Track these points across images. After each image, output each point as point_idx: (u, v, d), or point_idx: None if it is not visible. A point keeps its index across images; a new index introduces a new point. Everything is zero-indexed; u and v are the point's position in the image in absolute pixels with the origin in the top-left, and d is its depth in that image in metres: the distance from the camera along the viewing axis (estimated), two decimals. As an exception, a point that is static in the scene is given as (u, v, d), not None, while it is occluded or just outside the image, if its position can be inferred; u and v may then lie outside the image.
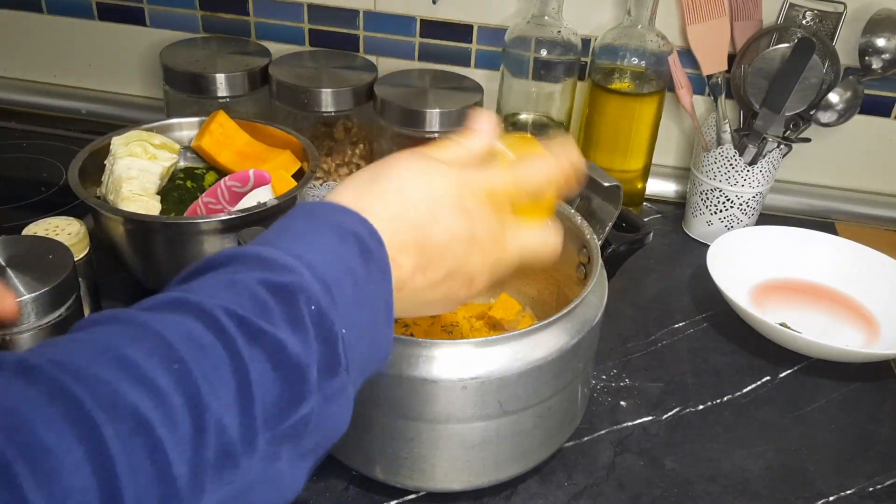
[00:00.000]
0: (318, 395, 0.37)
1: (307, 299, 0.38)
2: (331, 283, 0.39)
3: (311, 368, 0.37)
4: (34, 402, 0.30)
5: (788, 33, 0.94)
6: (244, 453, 0.34)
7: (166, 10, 1.12)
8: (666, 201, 1.09)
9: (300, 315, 0.37)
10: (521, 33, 0.95)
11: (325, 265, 0.40)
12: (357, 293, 0.40)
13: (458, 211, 0.46)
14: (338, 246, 0.41)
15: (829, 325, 0.87)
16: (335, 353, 0.38)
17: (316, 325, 0.38)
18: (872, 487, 0.69)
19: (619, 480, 0.68)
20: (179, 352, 0.34)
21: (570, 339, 0.60)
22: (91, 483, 0.29)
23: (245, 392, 0.34)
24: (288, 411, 0.36)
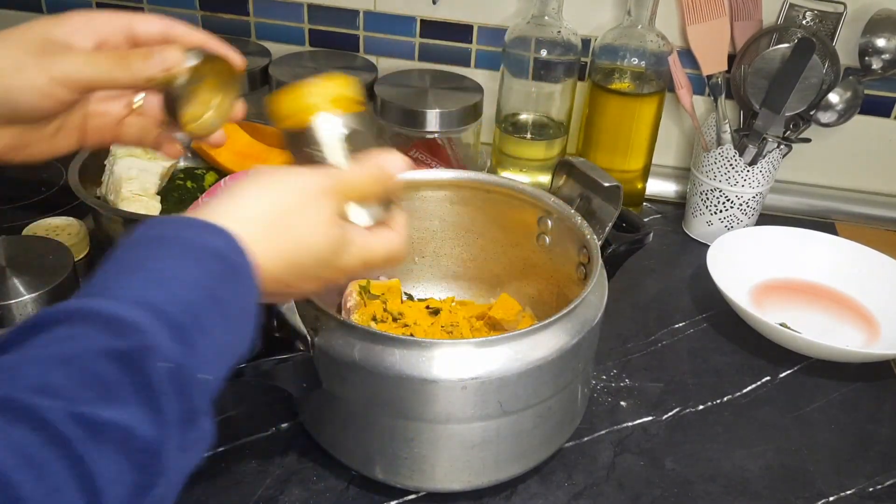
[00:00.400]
0: (176, 454, 0.35)
1: (156, 358, 0.34)
2: (187, 326, 0.36)
3: (166, 441, 0.34)
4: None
5: (788, 33, 0.94)
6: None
7: (166, 11, 1.12)
8: (666, 201, 1.09)
9: (149, 383, 0.34)
10: (521, 33, 0.95)
11: (177, 305, 0.36)
12: (223, 320, 0.38)
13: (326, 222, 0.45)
14: (194, 272, 0.37)
15: (829, 325, 0.87)
16: (192, 403, 0.35)
17: (170, 383, 0.34)
18: (872, 487, 0.69)
19: (619, 480, 0.68)
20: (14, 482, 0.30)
21: (570, 339, 0.60)
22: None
23: (91, 495, 0.31)
24: (140, 495, 0.33)
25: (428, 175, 0.76)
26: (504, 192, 0.75)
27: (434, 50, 1.08)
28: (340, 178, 0.47)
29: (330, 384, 0.60)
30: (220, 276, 0.38)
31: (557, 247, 0.74)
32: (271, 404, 0.72)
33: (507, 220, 0.77)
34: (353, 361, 0.57)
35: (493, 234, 0.79)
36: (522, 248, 0.77)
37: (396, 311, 0.75)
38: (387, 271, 0.49)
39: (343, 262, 0.47)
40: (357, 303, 0.75)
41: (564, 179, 0.73)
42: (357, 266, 0.48)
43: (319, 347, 0.58)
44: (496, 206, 0.76)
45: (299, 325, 0.58)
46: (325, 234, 0.45)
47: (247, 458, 0.68)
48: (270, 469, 0.67)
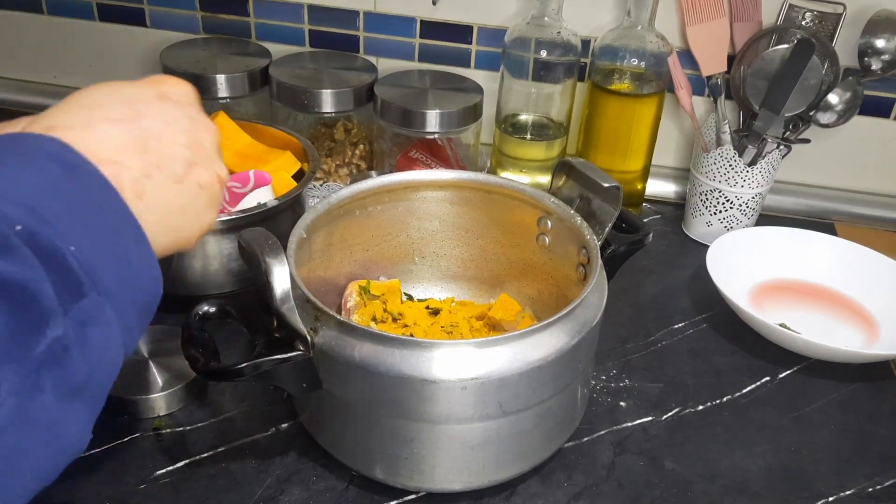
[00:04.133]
0: (69, 318, 0.34)
1: (6, 221, 0.33)
2: (33, 204, 0.35)
3: (42, 286, 0.33)
4: None
5: (788, 34, 0.94)
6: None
7: (166, 11, 1.12)
8: (665, 202, 1.09)
9: (2, 237, 0.33)
10: (521, 34, 0.95)
11: (18, 190, 0.35)
12: (74, 207, 0.37)
13: (159, 100, 0.45)
14: (28, 169, 0.36)
15: (829, 325, 0.87)
16: (68, 270, 0.35)
17: (29, 244, 0.33)
18: (872, 488, 0.69)
19: (618, 481, 0.68)
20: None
21: (570, 340, 0.60)
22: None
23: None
24: (31, 336, 0.32)
25: (428, 175, 0.76)
26: (504, 193, 0.75)
27: (434, 50, 1.08)
28: None
29: (330, 384, 0.60)
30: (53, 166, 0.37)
31: (557, 247, 0.74)
32: (271, 404, 0.72)
33: (507, 221, 0.77)
34: (354, 362, 0.57)
35: (493, 234, 0.79)
36: (522, 249, 0.77)
37: (396, 311, 0.75)
38: None
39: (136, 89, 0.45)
40: (357, 303, 0.75)
41: (564, 180, 0.74)
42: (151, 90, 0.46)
43: (319, 348, 0.58)
44: (496, 207, 0.76)
45: (299, 325, 0.58)
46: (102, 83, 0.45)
47: (247, 458, 0.68)
48: (270, 469, 0.67)
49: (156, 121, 0.44)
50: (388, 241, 0.79)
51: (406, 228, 0.79)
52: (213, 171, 0.47)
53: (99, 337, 0.36)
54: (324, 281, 0.74)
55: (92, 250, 0.36)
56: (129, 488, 0.64)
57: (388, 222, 0.78)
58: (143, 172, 0.41)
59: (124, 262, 0.38)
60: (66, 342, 0.33)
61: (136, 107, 0.43)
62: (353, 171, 1.00)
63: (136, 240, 0.40)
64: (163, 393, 0.70)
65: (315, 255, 0.71)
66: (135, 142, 0.42)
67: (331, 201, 0.71)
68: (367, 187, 0.73)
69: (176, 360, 0.72)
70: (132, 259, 0.39)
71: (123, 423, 0.70)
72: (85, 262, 0.35)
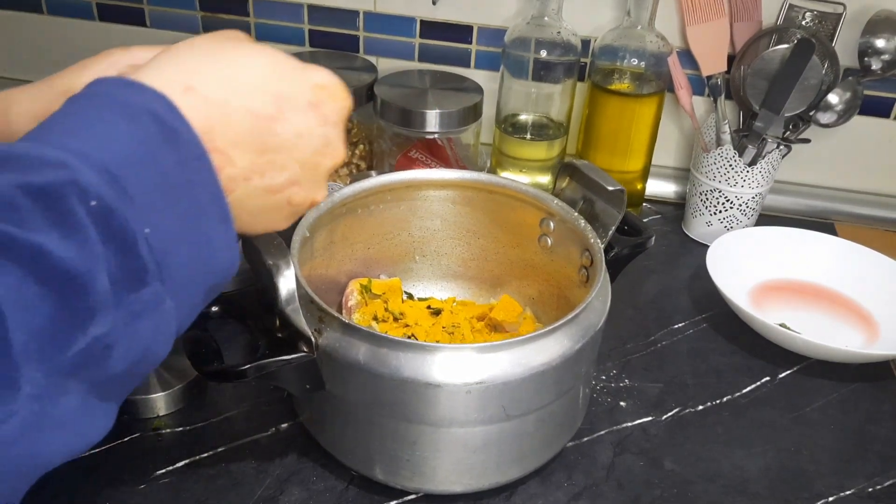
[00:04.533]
0: (120, 311, 0.31)
1: (82, 195, 0.30)
2: (118, 173, 0.32)
3: (95, 275, 0.30)
4: None
5: (788, 34, 0.94)
6: (0, 395, 0.28)
7: (166, 11, 1.12)
8: (665, 202, 1.09)
9: (70, 213, 0.30)
10: (521, 34, 0.95)
11: (106, 152, 0.32)
12: (164, 182, 0.33)
13: (308, 108, 0.41)
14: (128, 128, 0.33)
15: (829, 325, 0.87)
16: (136, 257, 0.31)
17: (100, 224, 0.30)
18: (872, 488, 0.69)
19: (618, 481, 0.68)
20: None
21: (573, 345, 0.60)
22: None
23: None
24: (69, 334, 0.29)
25: (431, 175, 0.76)
26: (506, 193, 0.75)
27: (434, 50, 1.08)
28: None
29: (333, 386, 0.60)
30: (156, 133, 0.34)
31: (559, 249, 0.74)
32: (271, 404, 0.72)
33: (509, 221, 0.77)
34: (357, 364, 0.57)
35: (495, 234, 0.79)
36: (524, 249, 0.77)
37: (398, 310, 0.75)
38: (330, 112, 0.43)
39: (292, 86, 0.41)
40: (358, 302, 0.75)
41: (567, 182, 0.74)
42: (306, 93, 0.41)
43: (323, 349, 0.58)
44: (498, 207, 0.76)
45: (303, 326, 0.58)
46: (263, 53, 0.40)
47: (247, 458, 0.68)
48: (270, 469, 0.67)
49: (291, 131, 0.40)
50: (389, 240, 0.79)
51: (407, 227, 0.79)
52: (311, 194, 0.44)
53: (149, 329, 0.33)
54: (325, 279, 0.74)
55: (170, 232, 0.33)
56: (128, 488, 0.64)
57: (390, 221, 0.78)
58: (245, 175, 0.39)
59: (203, 243, 0.36)
60: (108, 340, 0.31)
61: (282, 107, 0.40)
62: (352, 171, 1.00)
63: (221, 220, 0.37)
64: (163, 393, 0.70)
65: (317, 253, 0.71)
66: (257, 143, 0.39)
67: (334, 199, 0.71)
68: (370, 186, 0.73)
69: (176, 360, 0.72)
70: (212, 240, 0.36)
71: (123, 423, 0.70)
72: (157, 247, 0.32)
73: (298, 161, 0.41)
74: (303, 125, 0.41)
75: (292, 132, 0.40)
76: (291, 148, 0.40)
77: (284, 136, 0.40)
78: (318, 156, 0.42)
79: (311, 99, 0.41)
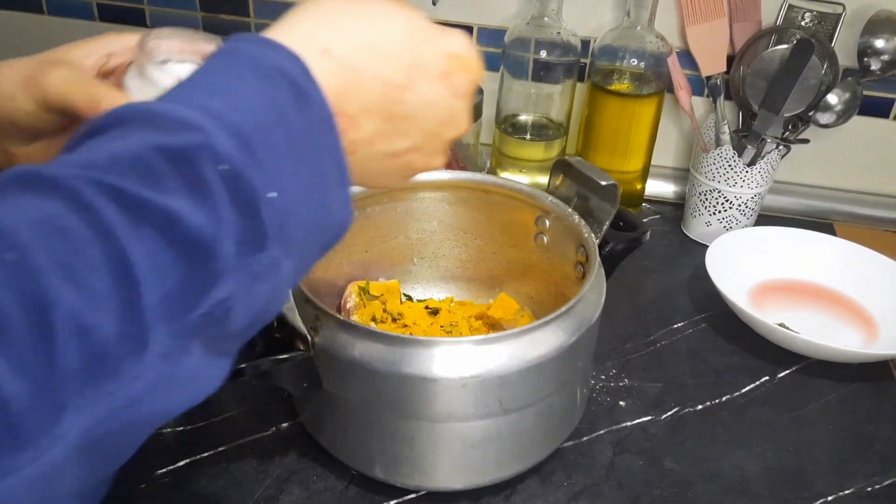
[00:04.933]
0: (240, 274, 0.31)
1: (213, 159, 0.31)
2: (249, 137, 0.32)
3: (222, 241, 0.31)
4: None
5: (787, 34, 0.94)
6: (129, 354, 0.29)
7: (167, 11, 1.12)
8: (665, 202, 1.09)
9: (202, 178, 0.30)
10: (521, 34, 0.95)
11: (240, 113, 0.33)
12: (292, 146, 0.34)
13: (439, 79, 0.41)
14: (261, 88, 0.34)
15: (828, 325, 0.87)
16: (258, 222, 0.32)
17: (229, 189, 0.31)
18: (871, 488, 0.69)
19: (618, 480, 0.68)
20: (18, 235, 0.27)
21: (569, 337, 0.60)
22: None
23: (125, 280, 0.28)
24: (195, 297, 0.30)
25: (426, 176, 0.76)
26: (502, 193, 0.75)
27: (434, 51, 1.08)
28: None
29: (330, 384, 0.60)
30: (288, 96, 0.35)
31: (555, 246, 0.74)
32: (271, 404, 0.72)
33: (505, 221, 0.77)
34: (354, 361, 0.57)
35: (492, 234, 0.79)
36: (520, 248, 0.77)
37: (396, 311, 0.75)
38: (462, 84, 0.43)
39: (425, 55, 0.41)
40: (356, 303, 0.75)
41: (561, 179, 0.74)
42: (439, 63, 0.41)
43: (320, 347, 0.58)
44: (494, 207, 0.76)
45: (299, 324, 0.58)
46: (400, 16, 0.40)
47: (247, 458, 0.68)
48: (270, 469, 0.67)
49: (419, 100, 0.40)
50: (386, 242, 0.79)
51: (405, 229, 0.79)
52: (430, 160, 0.44)
53: (266, 291, 0.33)
54: (323, 282, 0.74)
55: (292, 195, 0.34)
56: (129, 488, 0.64)
57: (387, 223, 0.78)
58: (368, 139, 0.39)
59: (322, 208, 0.36)
60: (229, 304, 0.31)
61: (414, 76, 0.40)
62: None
63: (339, 182, 0.37)
64: (163, 392, 0.70)
65: (315, 255, 0.71)
66: (385, 110, 0.39)
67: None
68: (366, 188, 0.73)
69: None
70: (329, 203, 0.37)
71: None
72: (280, 211, 0.33)
73: (422, 130, 0.42)
74: (431, 96, 0.41)
75: (420, 102, 0.41)
76: (418, 117, 0.41)
77: (412, 105, 0.40)
78: (442, 126, 0.43)
79: (443, 69, 0.41)
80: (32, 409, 0.26)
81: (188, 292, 0.30)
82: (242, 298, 0.32)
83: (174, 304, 0.29)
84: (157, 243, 0.29)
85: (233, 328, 0.33)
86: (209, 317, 0.31)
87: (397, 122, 0.40)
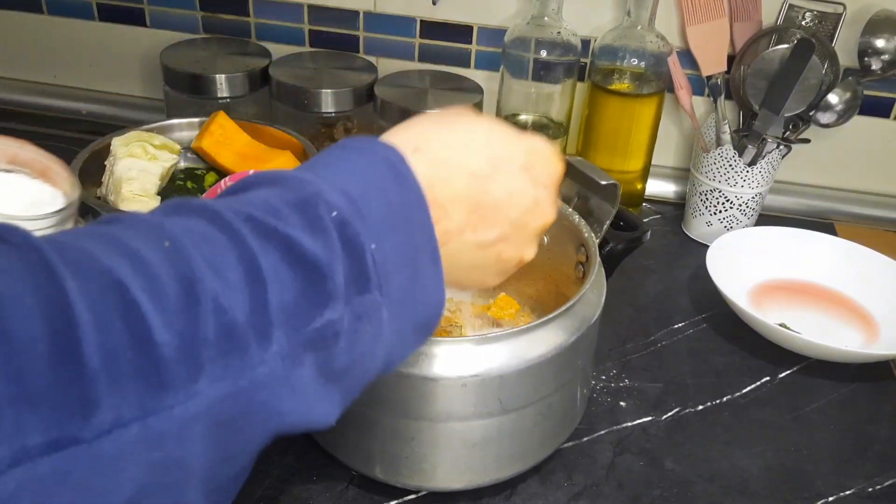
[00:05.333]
0: (347, 307, 0.36)
1: (327, 206, 0.36)
2: (356, 196, 0.38)
3: (334, 269, 0.35)
4: (3, 255, 0.29)
5: (788, 34, 0.94)
6: (255, 341, 0.33)
7: (166, 11, 1.12)
8: (665, 202, 1.09)
9: (319, 218, 0.36)
10: (521, 34, 0.95)
11: (348, 181, 0.38)
12: (390, 211, 0.39)
13: (520, 170, 0.45)
14: (365, 167, 0.40)
15: (829, 325, 0.87)
16: (363, 264, 0.37)
17: (339, 230, 0.36)
18: (871, 488, 0.69)
19: (618, 481, 0.68)
20: (173, 233, 0.33)
21: (569, 337, 0.60)
22: (41, 333, 0.27)
23: (254, 277, 0.33)
24: (310, 311, 0.35)
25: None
26: (504, 193, 0.75)
27: (434, 51, 1.08)
28: None
29: (330, 384, 0.60)
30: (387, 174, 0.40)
31: (556, 246, 0.74)
32: (271, 404, 0.72)
33: (507, 221, 0.77)
34: (353, 361, 0.57)
35: (493, 234, 0.78)
36: (522, 249, 0.77)
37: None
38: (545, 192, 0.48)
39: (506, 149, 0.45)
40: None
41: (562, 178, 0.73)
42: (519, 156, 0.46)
43: (319, 347, 0.58)
44: (496, 207, 0.76)
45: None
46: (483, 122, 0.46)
47: (247, 457, 0.68)
48: (270, 469, 0.67)
49: (504, 190, 0.44)
50: (387, 241, 0.79)
51: (406, 228, 0.79)
52: (520, 251, 0.47)
53: (369, 333, 0.37)
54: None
55: (390, 254, 0.38)
56: (128, 488, 0.64)
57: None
58: (459, 228, 0.43)
59: (415, 276, 0.40)
60: (338, 328, 0.36)
61: (497, 168, 0.44)
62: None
63: (432, 261, 0.41)
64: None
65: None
66: (472, 200, 0.43)
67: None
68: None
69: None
70: (423, 276, 0.40)
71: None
72: (380, 263, 0.37)
73: (509, 219, 0.45)
74: (514, 185, 0.45)
75: (505, 191, 0.44)
76: (503, 206, 0.44)
77: (497, 195, 0.44)
78: (527, 215, 0.46)
79: (523, 162, 0.46)
80: (178, 359, 0.30)
81: (305, 305, 0.34)
82: (348, 332, 0.36)
83: (293, 313, 0.34)
84: (280, 259, 0.34)
85: (337, 362, 0.36)
86: (320, 335, 0.35)
87: (484, 211, 0.43)
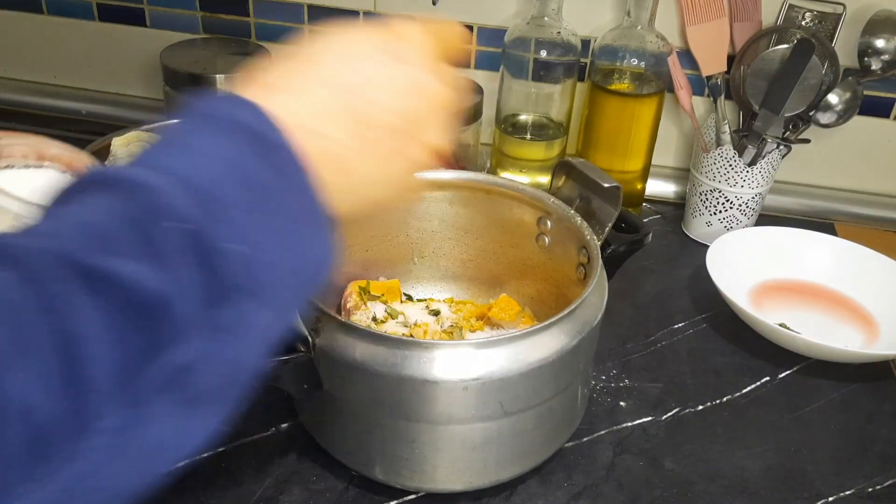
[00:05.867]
0: (204, 331, 0.31)
1: (173, 216, 0.31)
2: (210, 188, 0.32)
3: (184, 298, 0.30)
4: None
5: (788, 34, 0.94)
6: (77, 432, 0.28)
7: (166, 11, 1.12)
8: (665, 202, 1.09)
9: (162, 237, 0.31)
10: (521, 34, 0.95)
11: (201, 169, 0.33)
12: (258, 196, 0.34)
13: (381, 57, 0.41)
14: (222, 145, 0.34)
15: (829, 325, 0.87)
16: (226, 275, 0.32)
17: (186, 247, 0.31)
18: (871, 488, 0.69)
19: (618, 481, 0.68)
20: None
21: (570, 340, 0.60)
22: None
23: (69, 356, 0.28)
24: (149, 360, 0.30)
25: (427, 175, 0.76)
26: (503, 193, 0.75)
27: (434, 50, 1.08)
28: None
29: (331, 385, 0.60)
30: (247, 148, 0.34)
31: (557, 247, 0.74)
32: (271, 404, 0.72)
33: (507, 221, 0.77)
34: (354, 362, 0.57)
35: (493, 234, 0.79)
36: (522, 249, 0.77)
37: (396, 311, 0.75)
38: None
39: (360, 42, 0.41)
40: (356, 303, 0.75)
41: (564, 180, 0.74)
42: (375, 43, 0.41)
43: (320, 348, 0.58)
44: (495, 207, 0.76)
45: (300, 325, 0.58)
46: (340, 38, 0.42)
47: (247, 458, 0.68)
48: (270, 469, 0.67)
49: (371, 83, 0.39)
50: (387, 242, 0.79)
51: (405, 229, 0.79)
52: (428, 140, 0.42)
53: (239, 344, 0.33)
54: (324, 281, 0.74)
55: (265, 246, 0.33)
56: (129, 488, 0.64)
57: (388, 222, 0.78)
58: (345, 144, 0.38)
59: (299, 253, 0.35)
60: (190, 364, 0.31)
61: (356, 65, 0.40)
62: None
63: (318, 225, 0.36)
64: (163, 393, 0.70)
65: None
66: (345, 108, 0.38)
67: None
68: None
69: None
70: (308, 247, 0.36)
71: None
72: (253, 263, 0.33)
73: (393, 111, 0.40)
74: (380, 74, 0.40)
75: (373, 85, 0.40)
76: (379, 100, 0.40)
77: (368, 93, 0.39)
78: (411, 98, 0.41)
79: (382, 48, 0.41)
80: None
81: (141, 358, 0.29)
82: (210, 355, 0.31)
83: (125, 373, 0.29)
84: (106, 310, 0.29)
85: (203, 387, 0.32)
86: (169, 380, 0.30)
87: (362, 114, 0.39)
